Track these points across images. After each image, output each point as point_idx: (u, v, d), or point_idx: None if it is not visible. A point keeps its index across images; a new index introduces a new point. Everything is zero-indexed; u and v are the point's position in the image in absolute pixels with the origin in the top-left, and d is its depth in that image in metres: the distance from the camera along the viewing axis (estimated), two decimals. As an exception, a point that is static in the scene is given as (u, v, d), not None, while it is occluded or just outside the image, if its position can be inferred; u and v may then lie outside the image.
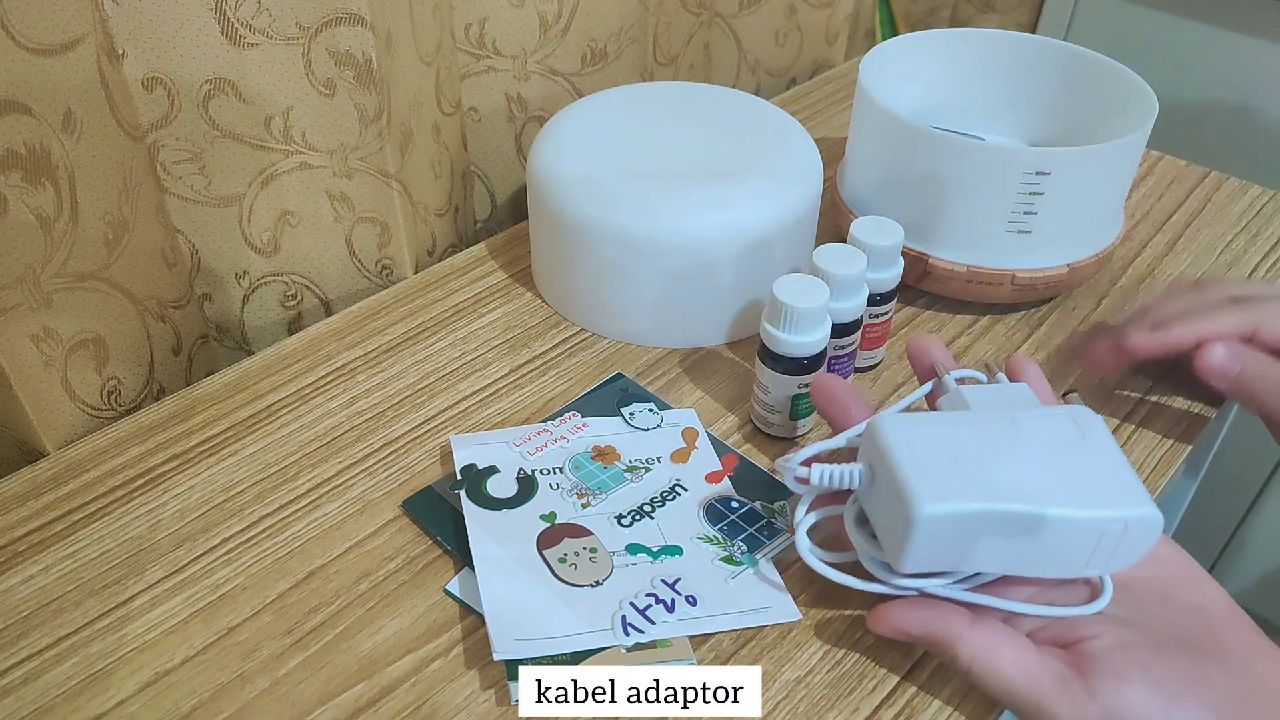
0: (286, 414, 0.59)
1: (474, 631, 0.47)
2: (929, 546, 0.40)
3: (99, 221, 0.54)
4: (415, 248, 0.70)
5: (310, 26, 0.58)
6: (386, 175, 0.65)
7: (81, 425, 0.57)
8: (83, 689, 0.44)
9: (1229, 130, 1.07)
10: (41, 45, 0.48)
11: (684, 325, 0.63)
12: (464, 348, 0.64)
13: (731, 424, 0.58)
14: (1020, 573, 0.42)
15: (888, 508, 0.41)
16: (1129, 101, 0.65)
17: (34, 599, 0.48)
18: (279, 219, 0.65)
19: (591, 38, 0.76)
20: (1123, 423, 0.59)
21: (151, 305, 0.60)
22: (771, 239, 0.61)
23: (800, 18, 0.95)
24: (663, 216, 0.59)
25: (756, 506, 0.53)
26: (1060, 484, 0.41)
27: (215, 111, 0.59)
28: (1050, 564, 0.42)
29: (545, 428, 0.57)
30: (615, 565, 0.49)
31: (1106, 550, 0.41)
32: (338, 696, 0.44)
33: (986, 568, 0.42)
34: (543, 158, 0.64)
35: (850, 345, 0.58)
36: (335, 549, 0.51)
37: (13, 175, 0.49)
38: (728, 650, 0.46)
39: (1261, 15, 0.99)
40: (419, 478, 0.55)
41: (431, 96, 0.68)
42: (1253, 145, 1.06)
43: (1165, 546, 0.45)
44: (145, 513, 0.52)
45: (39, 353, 0.53)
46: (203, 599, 0.48)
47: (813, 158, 0.65)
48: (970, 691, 0.45)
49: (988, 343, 0.65)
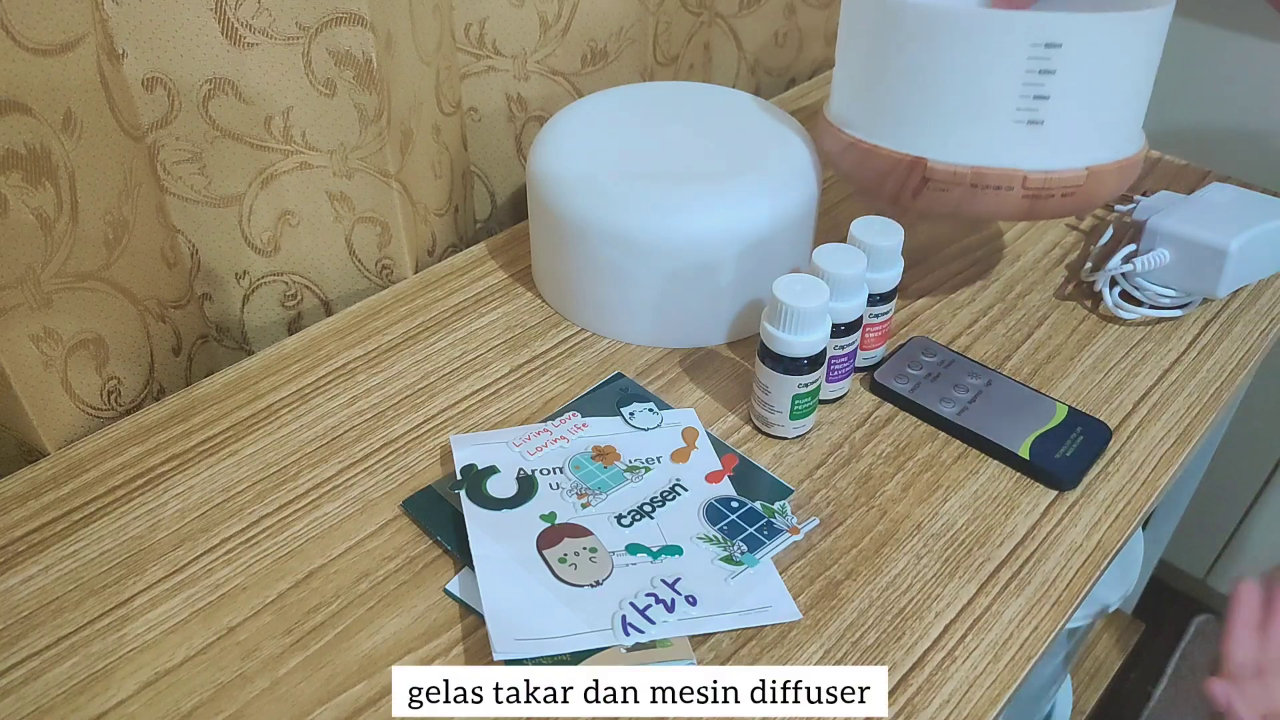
0: (286, 414, 0.59)
1: (474, 631, 0.47)
2: None
3: (99, 221, 0.54)
4: (415, 248, 0.70)
5: (310, 26, 0.58)
6: (386, 175, 0.65)
7: (81, 425, 0.57)
8: (83, 689, 0.44)
9: (1229, 130, 1.07)
10: (41, 45, 0.48)
11: (683, 325, 0.63)
12: (464, 347, 0.64)
13: (731, 424, 0.58)
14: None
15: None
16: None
17: (34, 599, 0.48)
18: (279, 219, 0.65)
19: (591, 38, 0.76)
20: (1123, 422, 0.59)
21: (151, 305, 0.60)
22: (770, 238, 0.61)
23: (800, 18, 0.95)
24: (662, 216, 0.59)
25: (756, 506, 0.53)
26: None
27: (215, 111, 0.59)
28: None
29: (545, 428, 0.57)
30: (615, 565, 0.49)
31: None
32: (338, 696, 0.44)
33: None
34: (542, 158, 0.64)
35: (850, 345, 0.58)
36: (335, 549, 0.51)
37: (13, 175, 0.49)
38: (728, 650, 0.46)
39: (1261, 15, 0.99)
40: (419, 478, 0.55)
41: (431, 96, 0.68)
42: (1253, 145, 1.06)
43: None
44: (145, 513, 0.52)
45: (39, 353, 0.53)
46: (203, 599, 0.48)
47: (811, 157, 0.65)
48: (969, 691, 0.45)
49: (988, 343, 0.65)
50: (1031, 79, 0.53)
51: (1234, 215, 0.66)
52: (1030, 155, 0.55)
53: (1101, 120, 0.56)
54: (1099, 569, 0.51)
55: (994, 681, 0.45)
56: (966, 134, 0.55)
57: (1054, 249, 0.74)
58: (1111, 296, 0.67)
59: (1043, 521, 0.53)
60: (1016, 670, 0.46)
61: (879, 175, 0.59)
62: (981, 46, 0.53)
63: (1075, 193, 0.56)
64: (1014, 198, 0.56)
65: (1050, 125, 0.54)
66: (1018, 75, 0.53)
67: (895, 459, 0.56)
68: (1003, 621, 0.48)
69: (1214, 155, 1.07)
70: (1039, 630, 0.48)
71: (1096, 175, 0.56)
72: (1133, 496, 0.55)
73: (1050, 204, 0.56)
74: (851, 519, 0.53)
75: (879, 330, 0.61)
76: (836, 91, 0.64)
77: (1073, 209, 0.58)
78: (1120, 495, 0.55)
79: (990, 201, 0.56)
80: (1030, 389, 0.60)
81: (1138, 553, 0.93)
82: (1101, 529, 0.53)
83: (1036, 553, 0.51)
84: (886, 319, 0.60)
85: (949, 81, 0.54)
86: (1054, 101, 0.53)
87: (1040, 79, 0.53)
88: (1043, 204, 0.56)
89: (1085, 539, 0.52)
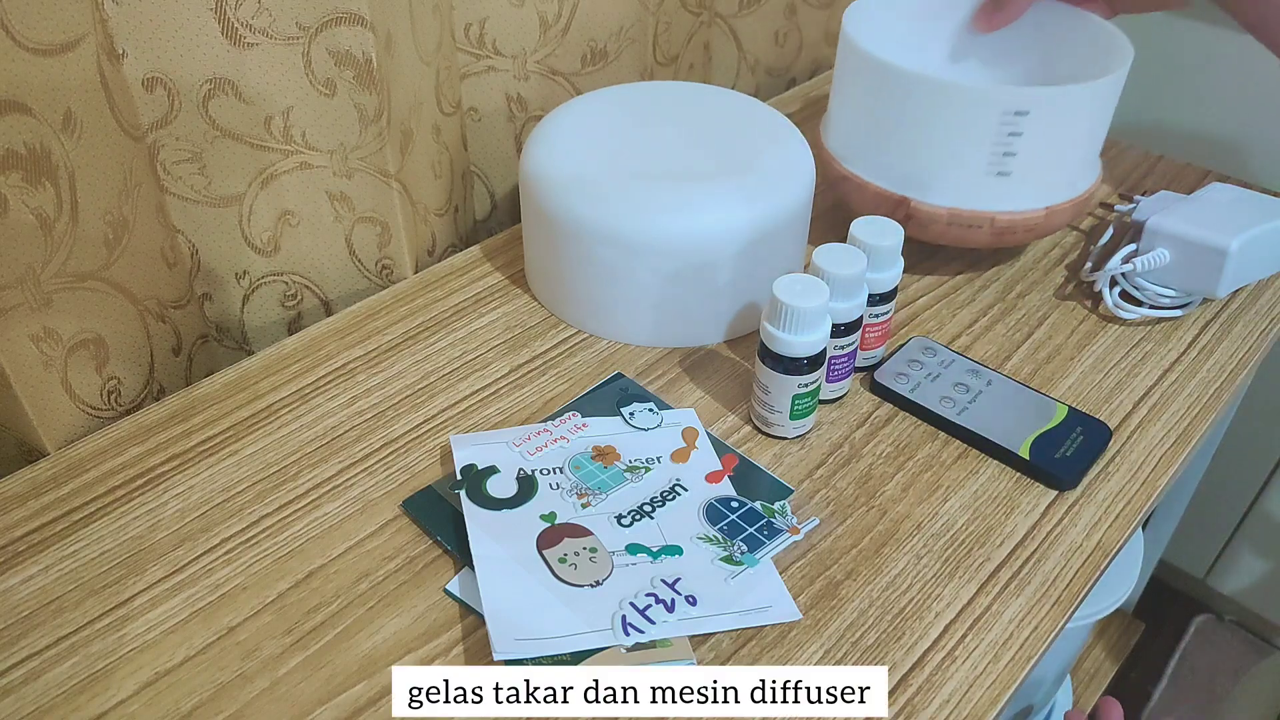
0: (286, 414, 0.59)
1: (474, 631, 0.47)
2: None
3: (99, 221, 0.54)
4: (415, 247, 0.70)
5: (310, 26, 0.58)
6: (386, 175, 0.65)
7: (81, 425, 0.57)
8: (83, 689, 0.44)
9: (1229, 130, 1.07)
10: (41, 45, 0.48)
11: (680, 324, 0.63)
12: (464, 347, 0.64)
13: (731, 424, 0.58)
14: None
15: None
16: (1107, 49, 0.67)
17: (34, 599, 0.48)
18: (279, 219, 0.65)
19: (591, 38, 0.76)
20: (1123, 422, 0.59)
21: (151, 305, 0.60)
22: (765, 237, 0.61)
23: (800, 18, 0.95)
24: (657, 216, 0.59)
25: (756, 506, 0.53)
26: None
27: (215, 111, 0.59)
28: None
29: (545, 428, 0.57)
30: (615, 565, 0.49)
31: None
32: (338, 696, 0.44)
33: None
34: (536, 159, 0.63)
35: (850, 345, 0.58)
36: (335, 549, 0.51)
37: (13, 175, 0.49)
38: (728, 650, 0.46)
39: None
40: (419, 478, 0.55)
41: (431, 96, 0.68)
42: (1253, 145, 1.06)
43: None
44: (145, 513, 0.52)
45: (39, 353, 0.53)
46: (203, 599, 0.48)
47: (805, 157, 0.65)
48: (969, 692, 0.45)
49: (988, 343, 0.65)
50: (1001, 140, 0.61)
51: (1234, 215, 0.66)
52: (998, 200, 0.64)
53: (1059, 169, 0.65)
54: (1099, 569, 0.51)
55: (994, 681, 0.45)
56: (945, 182, 0.64)
57: (1054, 249, 0.74)
58: (1111, 296, 0.67)
59: (1043, 521, 0.53)
60: (1016, 670, 0.46)
61: (869, 205, 0.67)
62: (962, 112, 0.61)
63: (1036, 227, 0.66)
64: (983, 234, 0.66)
65: (1016, 176, 0.63)
66: (991, 137, 0.61)
67: (895, 459, 0.56)
68: (1003, 621, 0.48)
69: (1214, 155, 1.07)
70: (1039, 630, 0.48)
71: (1054, 212, 0.65)
72: (1133, 496, 0.55)
73: (1014, 237, 0.66)
74: (851, 519, 0.53)
75: (879, 330, 0.61)
76: (834, 125, 0.71)
77: (1034, 238, 0.68)
78: (1120, 495, 0.55)
79: (963, 235, 0.66)
80: (1030, 389, 0.60)
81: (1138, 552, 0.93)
82: (1101, 529, 0.53)
83: (1036, 553, 0.51)
84: (886, 319, 0.60)
85: (933, 138, 0.63)
86: (1020, 158, 0.62)
87: (1009, 140, 0.61)
88: (1008, 237, 0.66)
89: (1085, 539, 0.52)
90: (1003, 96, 0.60)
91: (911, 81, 0.61)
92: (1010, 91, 0.60)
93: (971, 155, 0.62)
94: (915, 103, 0.62)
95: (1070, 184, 0.66)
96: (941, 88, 0.61)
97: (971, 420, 0.58)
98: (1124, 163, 0.85)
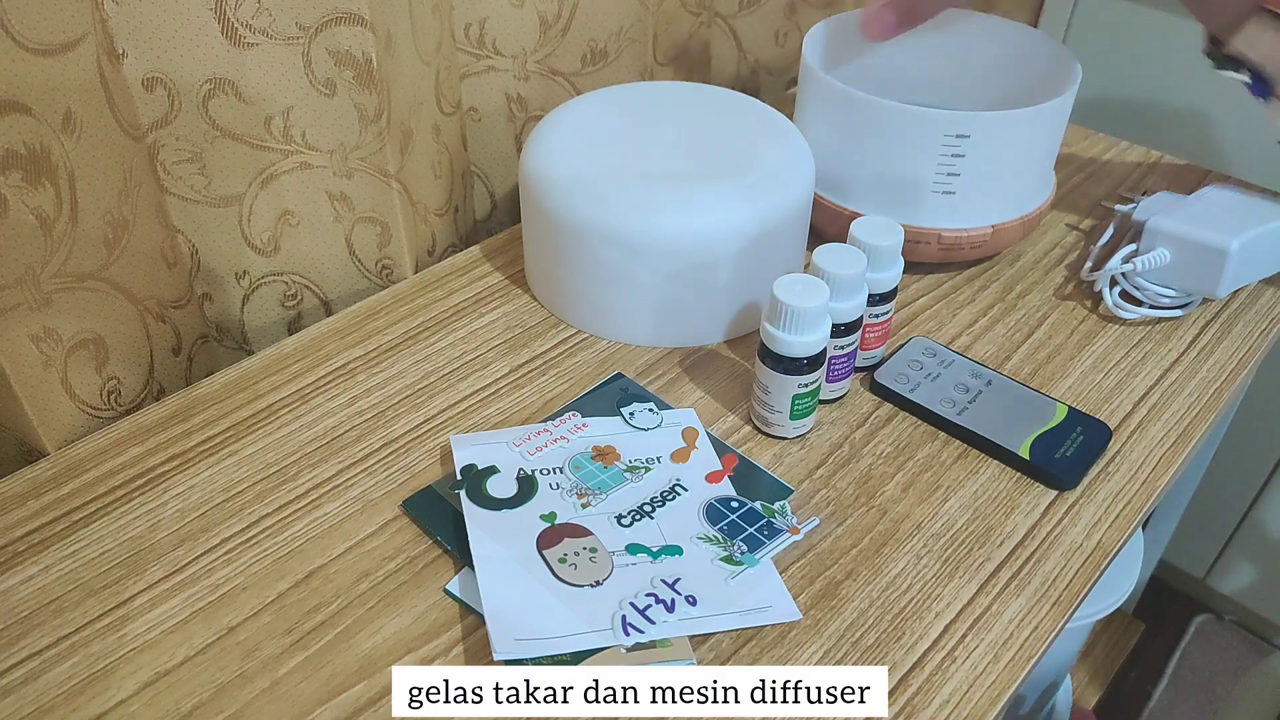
0: (286, 414, 0.59)
1: (474, 631, 0.47)
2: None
3: (99, 221, 0.54)
4: (415, 248, 0.70)
5: (310, 26, 0.58)
6: (386, 175, 0.65)
7: (81, 425, 0.57)
8: (83, 689, 0.44)
9: (1228, 130, 1.07)
10: (41, 45, 0.48)
11: (680, 324, 0.63)
12: (464, 347, 0.64)
13: (731, 424, 0.58)
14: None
15: None
16: (1058, 72, 0.69)
17: (34, 599, 0.48)
18: (279, 219, 0.65)
19: (591, 37, 0.76)
20: (1123, 422, 0.59)
21: (151, 305, 0.60)
22: (765, 237, 0.61)
23: (800, 18, 0.95)
24: (656, 216, 0.59)
25: (756, 506, 0.53)
26: None
27: (215, 111, 0.59)
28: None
29: (545, 428, 0.57)
30: (615, 565, 0.49)
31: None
32: (338, 696, 0.44)
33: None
34: (535, 158, 0.63)
35: (850, 345, 0.58)
36: (335, 549, 0.51)
37: (13, 175, 0.49)
38: (728, 650, 0.46)
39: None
40: (419, 478, 0.55)
41: (431, 96, 0.68)
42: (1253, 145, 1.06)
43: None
44: (145, 513, 0.52)
45: (39, 353, 0.53)
46: (203, 599, 0.48)
47: (805, 157, 0.65)
48: (969, 692, 0.45)
49: (988, 343, 0.65)
50: (945, 160, 0.64)
51: (1234, 215, 0.66)
52: (945, 218, 0.67)
53: (1004, 189, 0.67)
54: (1099, 569, 0.51)
55: (994, 682, 0.45)
56: (895, 199, 0.67)
57: (1054, 249, 0.74)
58: (1111, 296, 0.67)
59: (1043, 521, 0.53)
60: (1016, 670, 0.46)
61: (825, 220, 0.71)
62: (906, 134, 0.64)
63: (983, 244, 0.68)
64: (932, 249, 0.68)
65: (960, 195, 0.66)
66: (934, 158, 0.64)
67: (895, 459, 0.56)
68: (1003, 622, 0.48)
69: (1214, 155, 1.07)
70: (1039, 630, 0.48)
71: (1000, 231, 0.68)
72: (1133, 496, 0.55)
73: (962, 253, 0.69)
74: (851, 519, 0.53)
75: (879, 330, 0.61)
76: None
77: (983, 255, 0.70)
78: (1120, 495, 0.55)
79: (912, 250, 0.69)
80: (1030, 389, 0.60)
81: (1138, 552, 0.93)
82: (1101, 529, 0.53)
83: (1036, 553, 0.51)
84: (886, 319, 0.60)
85: (881, 157, 0.66)
86: (964, 178, 0.65)
87: (952, 160, 0.64)
88: (955, 253, 0.69)
89: (1085, 539, 0.52)
90: (943, 119, 0.62)
91: (859, 104, 0.64)
92: (950, 115, 0.62)
93: (918, 175, 0.65)
94: (863, 123, 0.65)
95: (1018, 203, 0.68)
96: (886, 110, 0.63)
97: (971, 420, 0.58)
98: (1124, 163, 0.85)
